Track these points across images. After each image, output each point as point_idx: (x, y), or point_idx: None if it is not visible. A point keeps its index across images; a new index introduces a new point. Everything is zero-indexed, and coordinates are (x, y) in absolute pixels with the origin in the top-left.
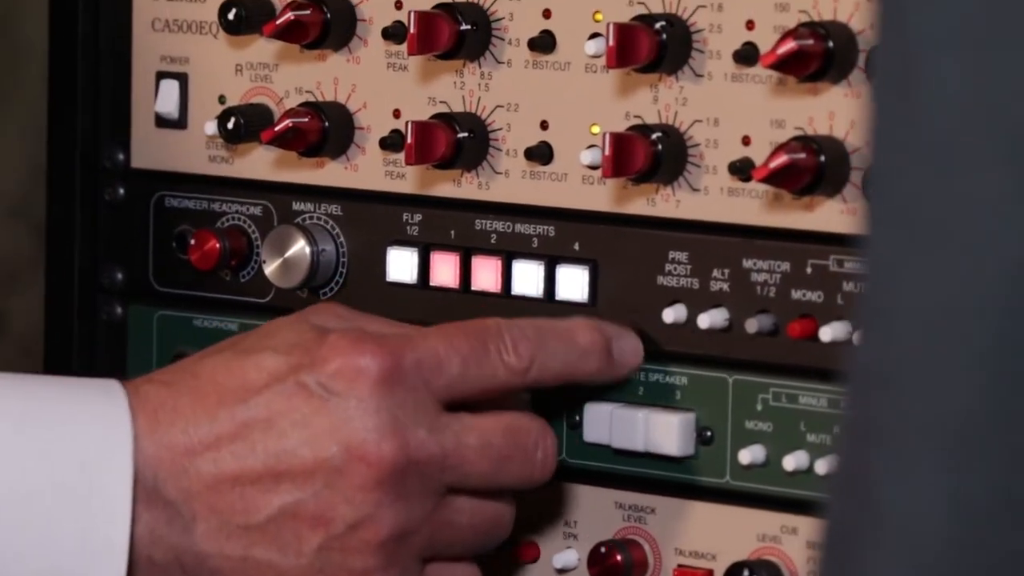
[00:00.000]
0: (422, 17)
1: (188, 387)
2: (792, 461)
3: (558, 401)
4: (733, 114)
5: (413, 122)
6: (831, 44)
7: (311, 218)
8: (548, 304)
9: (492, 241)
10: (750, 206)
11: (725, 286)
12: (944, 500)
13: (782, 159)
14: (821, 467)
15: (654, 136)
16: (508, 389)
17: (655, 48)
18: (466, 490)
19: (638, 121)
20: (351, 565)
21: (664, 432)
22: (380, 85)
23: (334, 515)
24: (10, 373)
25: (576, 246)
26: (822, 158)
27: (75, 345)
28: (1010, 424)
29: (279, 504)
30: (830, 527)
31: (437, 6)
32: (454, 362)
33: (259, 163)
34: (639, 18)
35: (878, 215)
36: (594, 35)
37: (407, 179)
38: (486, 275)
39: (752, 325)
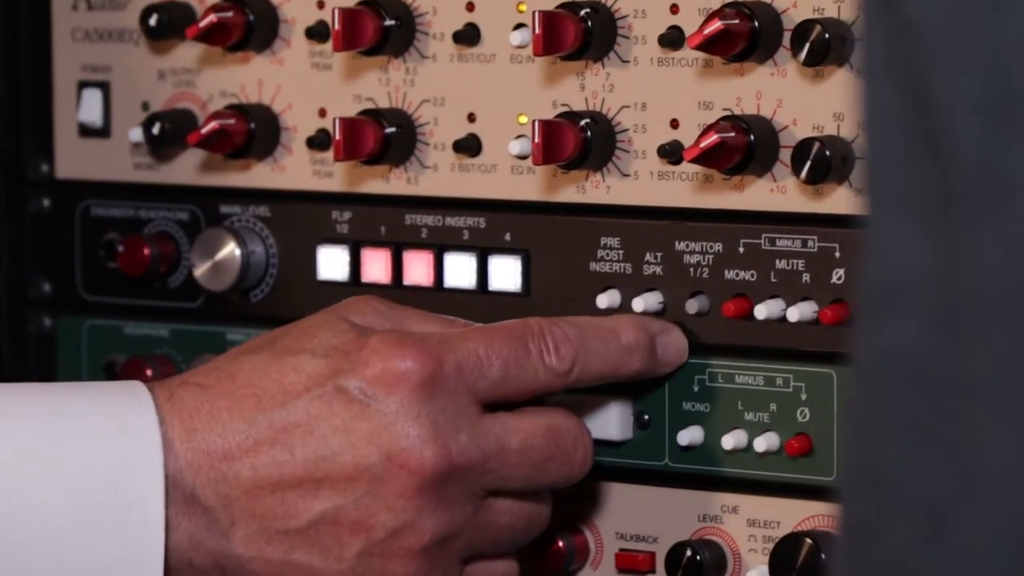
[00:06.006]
0: (346, 14)
1: (224, 390)
2: (731, 440)
3: None
4: (660, 98)
5: (340, 118)
6: (756, 23)
7: (239, 220)
8: (482, 295)
9: (423, 236)
10: (680, 189)
11: (658, 269)
12: None
13: (713, 138)
14: (759, 445)
15: (582, 123)
16: (550, 391)
17: (581, 35)
18: (506, 492)
19: (566, 109)
20: (392, 570)
21: (602, 418)
22: (305, 85)
23: (375, 522)
24: (32, 384)
25: (507, 236)
26: (751, 137)
27: (4, 359)
28: None
29: (320, 510)
30: (853, 514)
31: (361, 3)
32: (495, 365)
33: (185, 168)
34: (564, 6)
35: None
36: (518, 25)
37: (335, 177)
38: (418, 269)
39: (687, 307)
